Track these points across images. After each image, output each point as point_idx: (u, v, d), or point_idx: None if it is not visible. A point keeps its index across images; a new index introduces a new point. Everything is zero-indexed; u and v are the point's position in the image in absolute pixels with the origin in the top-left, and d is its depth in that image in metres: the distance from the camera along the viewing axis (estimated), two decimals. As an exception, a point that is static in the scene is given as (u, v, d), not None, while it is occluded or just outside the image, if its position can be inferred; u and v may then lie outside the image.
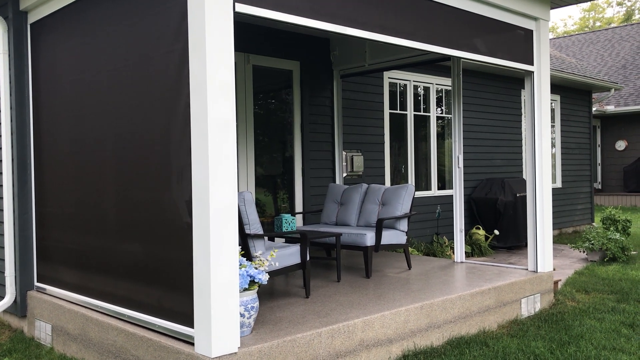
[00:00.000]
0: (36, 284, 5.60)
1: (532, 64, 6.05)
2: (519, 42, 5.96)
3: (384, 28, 4.61)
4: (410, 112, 9.64)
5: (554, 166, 12.58)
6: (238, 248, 3.71)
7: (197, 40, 3.60)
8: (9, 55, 5.56)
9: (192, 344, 3.77)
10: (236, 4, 3.67)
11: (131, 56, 4.28)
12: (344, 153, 8.48)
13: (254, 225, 4.85)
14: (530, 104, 6.11)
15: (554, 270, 7.88)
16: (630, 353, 4.68)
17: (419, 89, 9.77)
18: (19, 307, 5.55)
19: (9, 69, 5.57)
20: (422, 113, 9.85)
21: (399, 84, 9.40)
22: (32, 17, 5.51)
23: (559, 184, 12.63)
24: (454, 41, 5.22)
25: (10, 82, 5.57)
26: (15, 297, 5.58)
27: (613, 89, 14.21)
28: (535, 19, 6.13)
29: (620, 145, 20.03)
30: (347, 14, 4.34)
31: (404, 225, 6.47)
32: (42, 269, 5.54)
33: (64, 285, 5.20)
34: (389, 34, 4.65)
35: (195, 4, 3.61)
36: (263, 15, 3.82)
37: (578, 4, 6.43)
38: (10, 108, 5.58)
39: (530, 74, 6.09)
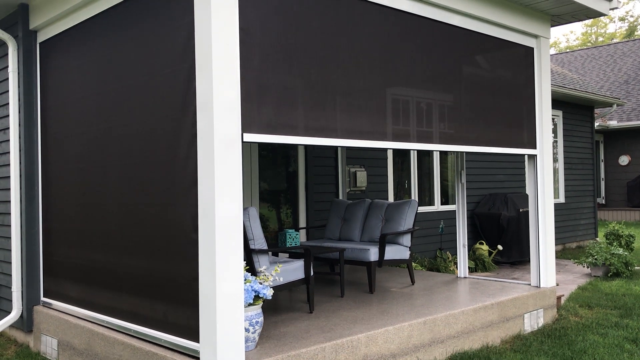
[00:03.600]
0: (42, 298, 5.65)
1: (535, 145, 6.18)
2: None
3: (386, 134, 4.71)
4: (413, 128, 9.70)
5: (556, 181, 12.61)
6: (243, 263, 3.76)
7: (204, 59, 3.68)
8: (19, 74, 5.66)
9: (198, 358, 3.81)
10: (244, 134, 3.79)
11: (138, 74, 4.37)
12: (347, 168, 8.54)
13: (259, 241, 4.90)
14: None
15: (557, 285, 7.88)
16: (633, 368, 4.70)
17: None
18: (25, 322, 5.59)
19: (18, 87, 5.67)
20: (425, 129, 9.91)
21: (402, 100, 9.48)
22: (42, 36, 5.62)
23: (562, 199, 12.65)
24: (454, 137, 5.34)
25: (19, 100, 5.67)
26: (22, 312, 5.63)
27: (615, 104, 14.27)
28: (535, 36, 6.21)
29: (624, 160, 20.04)
30: (346, 127, 4.42)
31: (407, 240, 6.51)
32: (48, 283, 5.59)
33: (70, 300, 5.24)
34: (393, 140, 4.77)
35: (201, 23, 3.70)
36: (271, 141, 3.92)
37: (580, 21, 6.51)
38: (19, 125, 5.67)
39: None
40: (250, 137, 3.83)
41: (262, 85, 3.91)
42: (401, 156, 9.52)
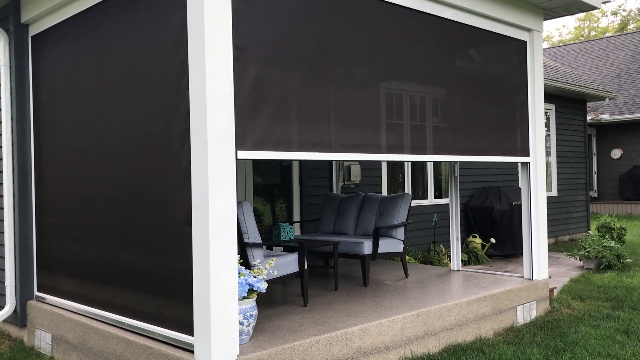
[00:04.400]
0: (36, 293, 5.64)
1: (527, 152, 6.18)
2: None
3: (380, 147, 4.71)
4: (406, 122, 9.71)
5: (549, 174, 12.66)
6: (237, 257, 3.77)
7: (197, 53, 3.67)
8: (10, 67, 5.63)
9: (192, 352, 3.82)
10: (238, 151, 3.77)
11: (131, 68, 4.35)
12: (341, 162, 8.55)
13: (253, 235, 4.90)
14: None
15: (550, 278, 7.94)
16: (625, 359, 4.74)
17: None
18: (19, 317, 5.59)
19: (10, 81, 5.64)
20: (418, 122, 9.93)
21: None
22: (33, 30, 5.58)
23: (554, 192, 12.71)
24: (444, 147, 5.32)
25: (11, 94, 5.64)
26: (15, 307, 5.62)
27: (607, 98, 14.34)
28: (528, 30, 6.23)
29: (616, 153, 20.15)
30: (341, 141, 4.42)
31: (400, 233, 6.53)
32: (42, 278, 5.58)
33: (64, 295, 5.24)
34: (387, 152, 4.77)
35: (194, 16, 3.69)
36: (264, 158, 3.92)
37: (572, 15, 6.52)
38: (11, 119, 5.64)
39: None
40: (245, 155, 3.81)
41: (256, 100, 3.88)
42: (395, 150, 9.53)
